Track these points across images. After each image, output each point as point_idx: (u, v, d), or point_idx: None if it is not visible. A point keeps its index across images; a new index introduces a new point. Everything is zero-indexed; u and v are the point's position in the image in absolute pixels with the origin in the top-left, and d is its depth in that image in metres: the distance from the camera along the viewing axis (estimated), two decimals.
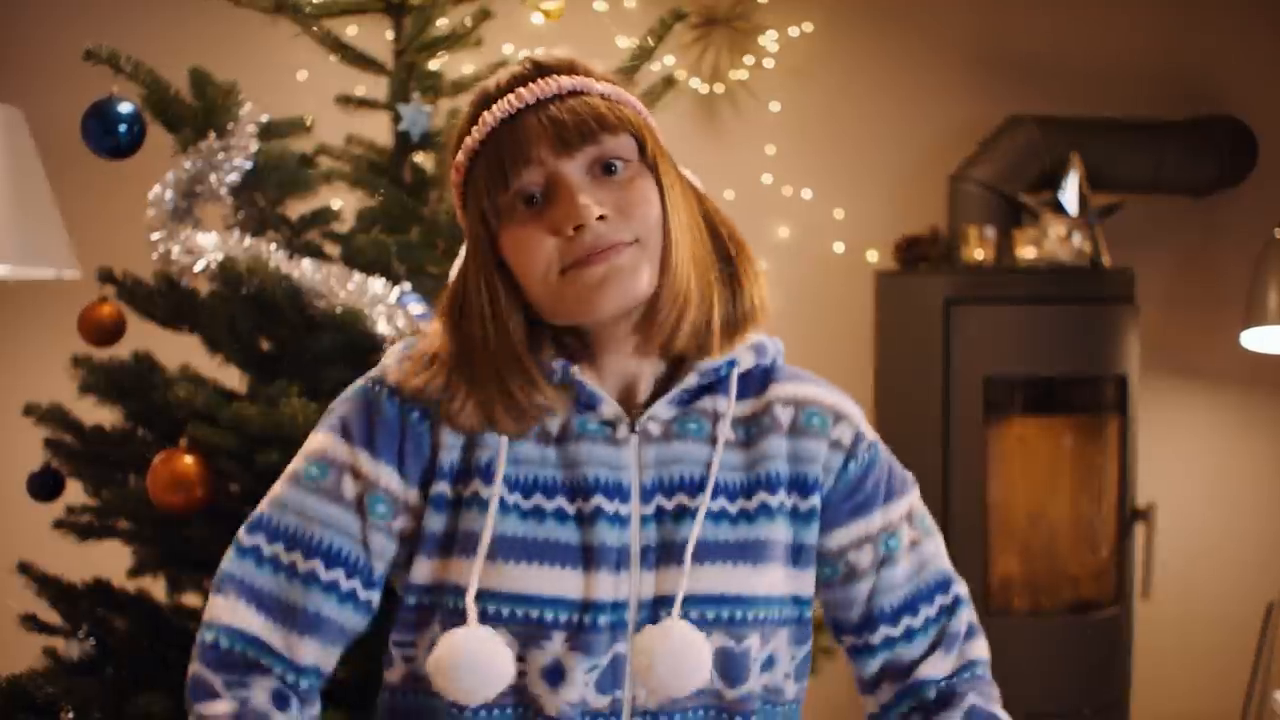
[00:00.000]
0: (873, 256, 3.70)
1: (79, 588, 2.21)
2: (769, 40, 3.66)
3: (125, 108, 2.05)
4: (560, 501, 1.09)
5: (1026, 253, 3.39)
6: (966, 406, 3.33)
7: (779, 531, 1.12)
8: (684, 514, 1.10)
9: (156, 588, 2.29)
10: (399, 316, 1.98)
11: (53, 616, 2.23)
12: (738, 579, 1.10)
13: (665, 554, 1.09)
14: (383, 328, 1.98)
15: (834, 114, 3.74)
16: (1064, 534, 3.47)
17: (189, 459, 1.92)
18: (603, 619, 1.07)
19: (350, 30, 2.76)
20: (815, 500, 1.14)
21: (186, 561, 2.15)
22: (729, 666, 1.09)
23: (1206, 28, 3.87)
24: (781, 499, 1.13)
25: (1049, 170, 3.51)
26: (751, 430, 1.14)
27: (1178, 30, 3.86)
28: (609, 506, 1.09)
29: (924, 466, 3.36)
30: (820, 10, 3.69)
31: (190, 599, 2.30)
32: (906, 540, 1.19)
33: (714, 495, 1.11)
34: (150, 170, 2.16)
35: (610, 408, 1.10)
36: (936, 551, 1.21)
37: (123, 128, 2.04)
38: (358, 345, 2.00)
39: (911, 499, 1.22)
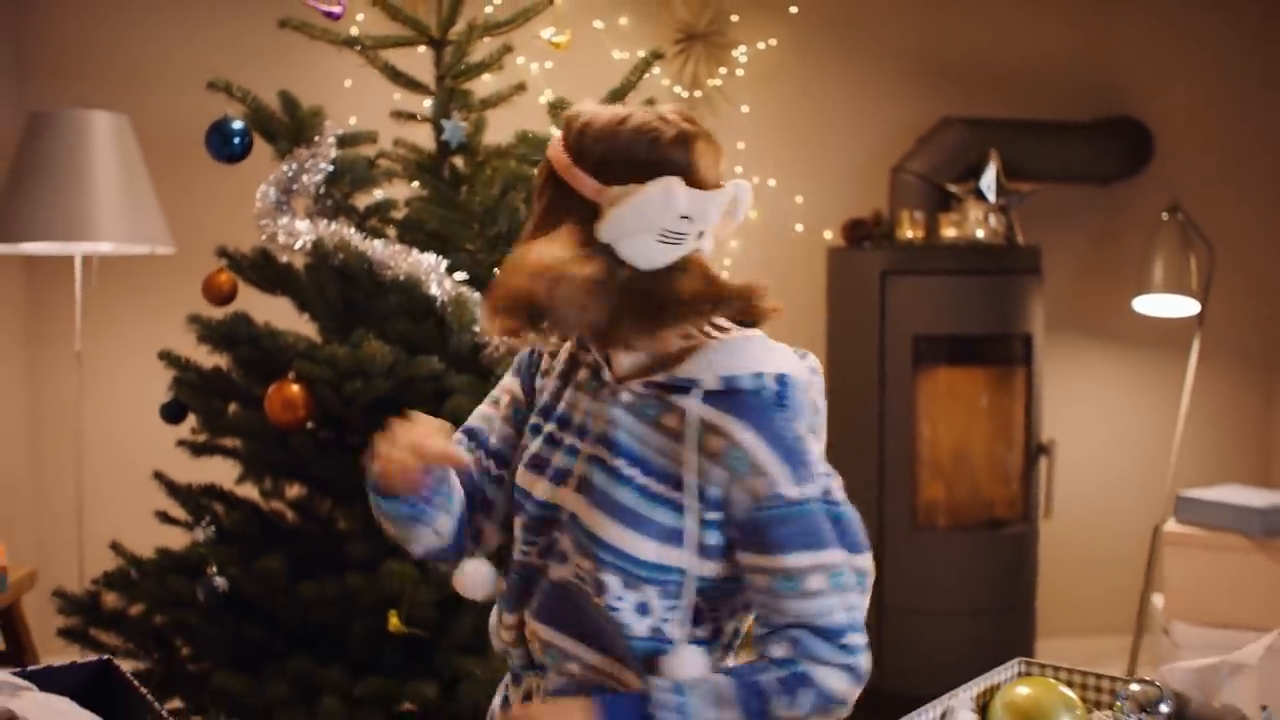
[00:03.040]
0: (828, 235, 4.20)
1: (198, 489, 2.83)
2: (740, 53, 4.15)
3: (238, 124, 2.65)
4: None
5: (950, 232, 3.89)
6: (899, 360, 3.80)
7: (678, 520, 1.31)
8: (593, 461, 1.36)
9: (253, 496, 2.89)
10: (446, 282, 2.60)
11: (178, 514, 2.85)
12: (610, 530, 1.31)
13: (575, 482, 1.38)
14: (434, 290, 2.59)
15: (795, 115, 4.23)
16: (980, 465, 3.92)
17: (295, 387, 2.50)
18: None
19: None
20: (718, 515, 1.30)
21: (285, 470, 2.76)
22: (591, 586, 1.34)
23: (1111, 43, 4.37)
24: (690, 502, 1.30)
25: (975, 163, 3.97)
26: (703, 436, 1.30)
27: (1086, 45, 4.36)
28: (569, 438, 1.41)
29: (864, 410, 4.08)
30: (784, 27, 4.19)
31: (277, 504, 2.90)
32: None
33: (631, 464, 1.32)
34: (226, 169, 2.73)
35: (606, 373, 1.38)
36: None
37: (237, 140, 2.64)
38: (416, 303, 2.63)
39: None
